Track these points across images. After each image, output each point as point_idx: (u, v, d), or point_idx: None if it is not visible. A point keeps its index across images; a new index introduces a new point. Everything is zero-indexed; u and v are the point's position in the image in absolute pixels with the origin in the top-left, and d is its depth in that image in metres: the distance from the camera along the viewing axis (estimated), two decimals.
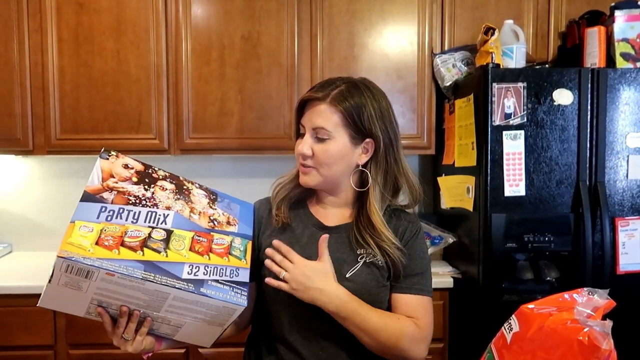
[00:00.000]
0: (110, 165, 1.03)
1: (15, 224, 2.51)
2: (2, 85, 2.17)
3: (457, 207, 2.09)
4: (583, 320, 0.59)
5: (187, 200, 1.05)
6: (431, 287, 1.11)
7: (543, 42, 2.28)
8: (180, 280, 0.90)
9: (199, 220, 1.02)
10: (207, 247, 0.98)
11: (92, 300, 0.92)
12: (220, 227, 1.04)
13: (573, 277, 1.84)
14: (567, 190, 1.85)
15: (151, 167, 1.07)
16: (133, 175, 1.03)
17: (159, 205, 1.00)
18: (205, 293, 0.90)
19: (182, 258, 0.93)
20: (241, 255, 1.01)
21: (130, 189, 1.00)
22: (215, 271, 0.94)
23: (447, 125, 2.23)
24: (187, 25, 2.20)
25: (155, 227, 0.96)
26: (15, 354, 1.97)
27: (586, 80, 1.84)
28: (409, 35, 2.25)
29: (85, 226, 0.90)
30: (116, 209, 0.95)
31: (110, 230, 0.91)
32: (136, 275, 0.86)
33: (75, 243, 0.87)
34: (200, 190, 1.09)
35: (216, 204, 1.09)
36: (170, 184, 1.06)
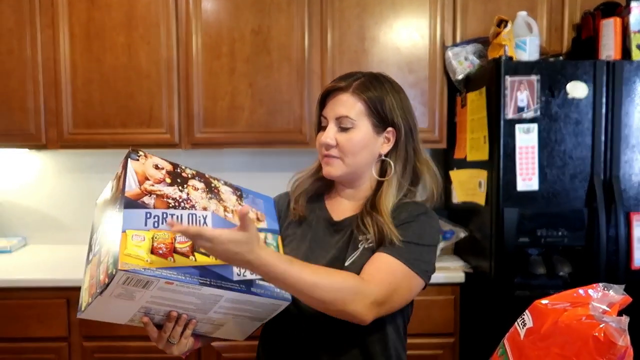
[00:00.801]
0: (142, 166, 1.00)
1: (29, 217, 2.54)
2: (15, 81, 2.19)
3: (469, 202, 2.07)
4: (598, 316, 0.58)
5: (218, 199, 1.04)
6: (418, 262, 1.01)
7: (557, 34, 2.25)
8: (232, 282, 0.91)
9: (234, 218, 1.02)
10: None
11: (141, 308, 0.92)
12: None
13: (587, 272, 1.82)
14: (581, 184, 1.82)
15: (178, 165, 1.05)
16: (165, 176, 1.01)
17: (196, 206, 0.99)
18: (255, 292, 0.93)
19: None
20: (276, 250, 1.02)
21: (167, 191, 0.98)
22: None
23: (458, 119, 2.21)
24: (197, 20, 2.20)
25: None
26: (30, 346, 2.00)
27: (601, 73, 1.81)
28: (421, 28, 2.23)
29: (137, 235, 0.89)
30: (160, 214, 0.94)
31: (160, 237, 0.90)
32: (194, 281, 0.87)
33: (133, 254, 0.85)
34: (226, 187, 1.08)
35: (243, 200, 1.08)
36: (200, 183, 1.04)
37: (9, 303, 1.98)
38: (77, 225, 2.53)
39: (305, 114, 2.22)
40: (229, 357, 2.04)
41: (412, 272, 1.00)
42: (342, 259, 1.05)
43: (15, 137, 2.23)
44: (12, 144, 2.26)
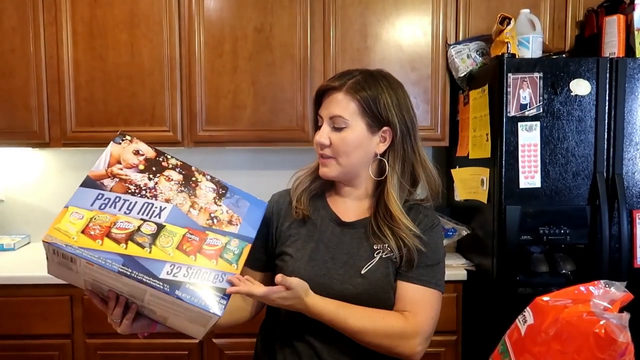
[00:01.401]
0: (120, 150, 1.02)
1: (32, 215, 2.55)
2: (19, 78, 2.20)
3: (471, 199, 2.07)
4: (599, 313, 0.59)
5: (190, 194, 1.01)
6: (441, 282, 1.08)
7: (560, 32, 2.24)
8: (156, 279, 0.87)
9: (198, 216, 0.99)
10: (196, 246, 0.94)
11: (85, 280, 0.95)
12: (219, 226, 0.99)
13: (589, 270, 1.82)
14: (584, 182, 1.82)
15: (164, 154, 1.04)
16: (141, 162, 1.01)
17: (158, 196, 0.98)
18: (179, 296, 0.87)
19: (165, 256, 0.91)
20: (233, 259, 0.96)
21: (133, 177, 0.99)
22: (197, 274, 0.91)
23: (461, 117, 2.21)
24: (199, 18, 2.20)
25: (147, 220, 0.94)
26: (34, 343, 2.01)
27: (604, 70, 1.80)
28: (423, 25, 2.23)
29: (77, 212, 0.91)
30: (112, 197, 0.95)
31: (100, 219, 0.91)
32: (113, 268, 0.86)
33: (62, 229, 0.88)
34: (210, 183, 1.05)
35: (223, 199, 1.04)
36: (178, 174, 1.03)
37: (13, 300, 1.99)
38: None
39: (307, 112, 2.21)
40: (231, 355, 2.04)
41: (440, 293, 1.08)
42: (356, 266, 1.05)
43: (18, 135, 2.23)
44: (16, 142, 2.27)
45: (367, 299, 1.03)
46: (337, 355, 1.05)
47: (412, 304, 1.04)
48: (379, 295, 1.04)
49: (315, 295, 0.99)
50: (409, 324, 1.02)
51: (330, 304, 0.99)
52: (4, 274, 2.02)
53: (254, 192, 1.09)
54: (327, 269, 1.06)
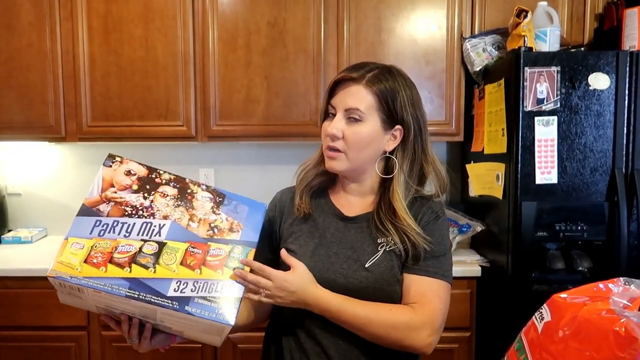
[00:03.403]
0: (112, 173, 1.02)
1: (49, 208, 2.59)
2: (35, 74, 2.23)
3: (486, 195, 2.05)
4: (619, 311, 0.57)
5: (188, 207, 1.01)
6: (449, 272, 1.06)
7: (579, 25, 2.20)
8: (165, 298, 0.88)
9: (198, 228, 0.99)
10: (200, 259, 0.94)
11: (97, 306, 0.96)
12: (221, 234, 0.99)
13: (607, 267, 1.79)
14: (602, 178, 1.79)
15: (156, 170, 1.04)
16: (134, 182, 1.02)
17: (155, 214, 0.98)
18: (190, 312, 0.88)
19: (170, 274, 0.91)
20: (239, 266, 0.96)
21: (128, 198, 0.99)
22: (204, 287, 0.91)
23: (476, 112, 2.18)
24: (213, 12, 2.20)
25: (147, 240, 0.94)
26: (51, 334, 2.04)
27: (624, 64, 1.76)
28: (438, 19, 2.20)
29: (77, 243, 0.92)
30: (110, 222, 0.95)
31: (101, 246, 0.92)
32: (120, 293, 0.87)
33: (65, 261, 0.89)
34: (206, 193, 1.05)
35: (221, 207, 1.03)
36: (172, 189, 1.03)
37: (31, 292, 2.03)
38: None
39: (321, 106, 2.20)
40: (244, 348, 2.06)
41: (448, 284, 1.05)
42: (360, 260, 1.04)
43: (35, 129, 2.26)
44: (33, 136, 2.30)
45: (372, 293, 1.01)
46: (344, 352, 1.03)
47: (420, 296, 1.01)
48: (384, 289, 1.02)
49: (321, 288, 0.99)
50: (417, 316, 0.99)
51: (336, 297, 0.99)
52: (22, 266, 2.05)
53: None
54: (331, 264, 1.04)
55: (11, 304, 2.03)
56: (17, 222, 2.59)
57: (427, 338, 0.99)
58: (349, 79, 1.04)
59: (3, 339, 2.05)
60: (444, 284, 1.04)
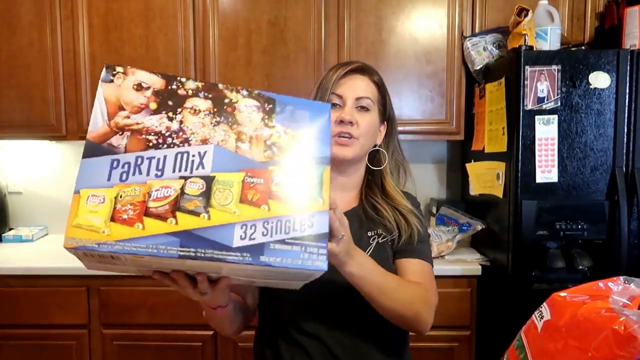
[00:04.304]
0: (116, 90, 0.74)
1: (50, 207, 2.59)
2: (36, 72, 2.23)
3: (487, 194, 2.05)
4: (619, 310, 0.57)
5: (231, 122, 0.76)
6: (431, 258, 1.10)
7: (579, 24, 2.20)
8: (231, 250, 0.68)
9: (251, 150, 0.75)
10: (264, 191, 0.72)
11: (139, 269, 0.77)
12: (282, 154, 0.76)
13: (607, 266, 1.79)
14: (602, 176, 1.79)
15: (176, 79, 0.77)
16: (150, 99, 0.75)
17: (190, 139, 0.73)
18: (266, 262, 0.69)
19: (230, 217, 0.70)
20: (315, 191, 0.74)
21: (148, 123, 0.73)
22: (279, 227, 0.71)
23: (477, 110, 2.18)
24: (214, 11, 2.20)
25: (189, 177, 0.71)
26: (52, 332, 2.05)
27: (625, 63, 1.76)
28: (439, 18, 2.20)
29: (95, 195, 0.68)
30: (132, 159, 0.70)
31: (128, 195, 0.68)
32: (171, 254, 0.66)
33: (84, 224, 0.66)
34: (250, 100, 0.78)
35: (274, 117, 0.78)
36: (204, 101, 0.76)
37: (31, 290, 2.03)
38: None
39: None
40: (244, 347, 2.06)
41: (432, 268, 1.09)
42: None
43: (36, 128, 2.26)
44: (33, 135, 2.30)
45: None
46: (350, 351, 1.01)
47: (419, 277, 1.03)
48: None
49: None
50: (428, 292, 1.01)
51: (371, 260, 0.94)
52: (23, 264, 2.06)
53: None
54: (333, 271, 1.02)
55: (12, 303, 2.03)
56: (18, 220, 2.59)
57: (432, 317, 1.00)
58: (360, 69, 1.08)
59: (4, 338, 2.05)
60: (431, 267, 1.08)
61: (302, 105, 0.81)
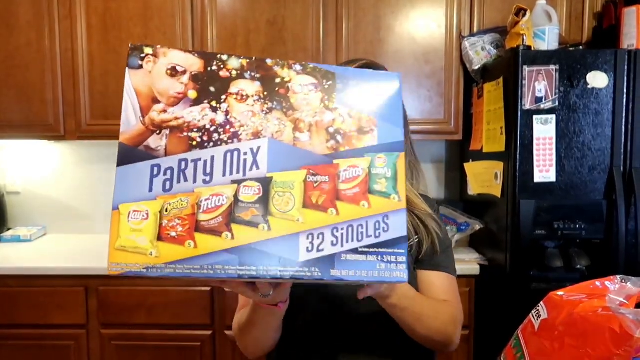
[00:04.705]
0: (147, 78, 0.63)
1: (49, 207, 2.59)
2: (34, 72, 2.23)
3: (485, 194, 2.05)
4: (615, 308, 0.58)
5: (285, 108, 0.64)
6: (455, 267, 1.05)
7: (577, 23, 2.20)
8: (297, 265, 0.60)
9: (312, 141, 0.64)
10: (331, 191, 0.63)
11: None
12: (348, 143, 0.65)
13: (605, 265, 1.79)
14: (600, 176, 1.79)
15: (215, 57, 0.64)
16: (189, 86, 0.63)
17: (240, 134, 0.62)
18: (339, 277, 0.60)
19: (293, 226, 0.61)
20: (389, 187, 0.64)
21: (189, 117, 0.62)
22: (349, 233, 0.62)
23: (475, 110, 2.18)
24: (212, 11, 2.20)
25: (242, 181, 0.61)
26: (50, 332, 2.04)
27: (622, 63, 1.77)
28: (437, 17, 2.20)
29: (137, 210, 0.59)
30: (175, 164, 0.60)
31: (175, 207, 0.60)
32: (230, 274, 0.59)
33: (129, 246, 0.58)
34: (305, 77, 0.66)
35: (335, 96, 0.65)
36: (252, 83, 0.64)
37: (30, 291, 2.03)
38: (95, 215, 2.57)
39: None
40: None
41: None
42: None
43: (34, 128, 2.26)
44: (32, 134, 2.30)
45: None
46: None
47: (445, 293, 0.98)
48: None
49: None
50: (457, 310, 0.96)
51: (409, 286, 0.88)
52: (21, 264, 2.05)
53: None
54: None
55: (10, 303, 2.03)
56: (16, 220, 2.59)
57: (459, 336, 0.97)
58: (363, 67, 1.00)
59: (2, 338, 2.05)
60: (455, 279, 1.03)
61: (366, 77, 0.67)
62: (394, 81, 0.67)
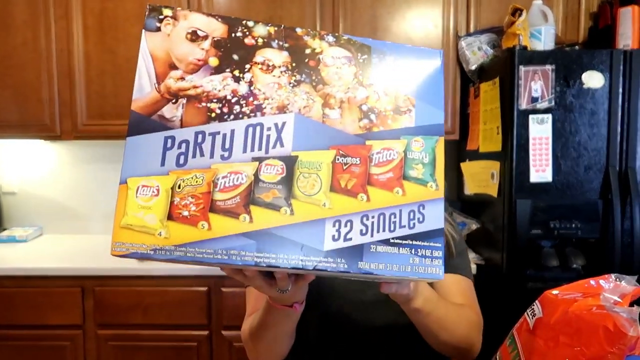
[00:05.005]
0: (165, 42, 0.58)
1: (45, 207, 2.58)
2: (30, 72, 2.22)
3: (481, 193, 2.06)
4: (609, 307, 0.58)
5: (315, 81, 0.59)
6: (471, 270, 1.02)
7: (573, 23, 2.21)
8: (321, 255, 0.54)
9: (343, 119, 0.58)
10: (362, 174, 0.57)
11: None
12: (383, 123, 0.59)
13: (600, 264, 1.80)
14: (596, 176, 1.80)
15: (240, 22, 0.59)
16: (210, 52, 0.58)
17: (264, 107, 0.57)
18: (368, 270, 0.55)
19: (319, 211, 0.55)
20: (427, 174, 0.59)
21: (208, 86, 0.57)
22: (381, 222, 0.56)
23: (471, 110, 2.19)
24: (209, 10, 2.20)
25: (264, 158, 0.56)
26: (46, 333, 2.04)
27: (618, 63, 1.77)
28: (434, 17, 2.21)
29: (146, 185, 0.54)
30: (191, 136, 0.55)
31: (189, 183, 0.54)
32: (246, 262, 0.53)
33: (136, 224, 0.53)
34: (338, 49, 0.60)
35: (370, 72, 0.60)
36: (280, 53, 0.59)
37: (26, 291, 2.02)
38: (92, 215, 2.56)
39: None
40: (239, 347, 2.06)
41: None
42: None
43: (30, 127, 2.25)
44: (28, 134, 2.29)
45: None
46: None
47: (463, 296, 0.94)
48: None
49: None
50: (477, 315, 0.93)
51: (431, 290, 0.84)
52: (17, 265, 2.05)
53: None
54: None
55: (6, 304, 2.02)
56: (12, 221, 2.58)
57: (481, 341, 0.93)
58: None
59: None
60: (472, 282, 1.00)
61: (406, 52, 0.61)
62: (435, 58, 0.62)
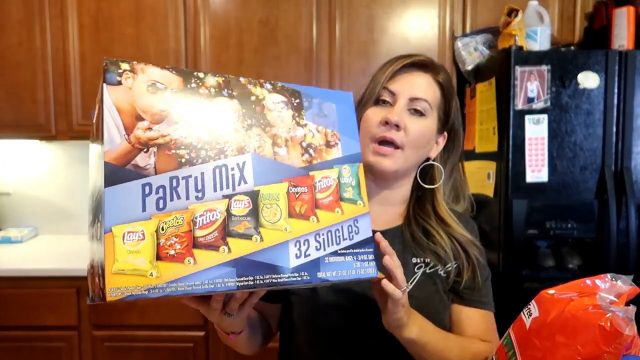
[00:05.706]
0: (128, 95, 0.60)
1: (40, 208, 2.57)
2: (25, 72, 2.21)
3: (477, 193, 2.06)
4: (605, 306, 0.58)
5: (263, 124, 0.67)
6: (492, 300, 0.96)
7: (569, 24, 2.21)
8: (289, 272, 0.63)
9: (289, 155, 0.68)
10: (309, 200, 0.67)
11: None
12: (319, 156, 0.70)
13: (596, 264, 1.80)
14: (592, 176, 1.80)
15: (192, 74, 0.65)
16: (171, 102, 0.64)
17: (225, 149, 0.63)
18: (325, 278, 0.66)
19: (282, 235, 0.64)
20: (355, 194, 0.71)
21: (175, 134, 0.61)
22: (329, 238, 0.68)
23: (467, 110, 2.19)
24: (205, 10, 2.19)
25: (233, 195, 0.62)
26: (41, 334, 2.03)
27: (613, 63, 1.78)
28: (430, 18, 2.21)
29: (132, 231, 0.57)
30: (166, 181, 0.59)
31: (171, 225, 0.59)
32: (229, 287, 0.60)
33: (126, 269, 0.55)
34: (276, 95, 0.69)
35: (304, 113, 0.71)
36: (231, 102, 0.66)
37: (21, 292, 2.01)
38: (87, 215, 2.55)
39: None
40: None
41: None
42: None
43: (25, 128, 2.24)
44: (23, 134, 2.28)
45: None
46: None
47: (485, 333, 0.91)
48: (431, 317, 0.83)
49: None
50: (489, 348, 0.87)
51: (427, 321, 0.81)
52: (12, 266, 2.03)
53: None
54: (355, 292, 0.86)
55: (1, 304, 2.01)
56: (7, 221, 2.57)
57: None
58: (422, 64, 0.90)
59: None
60: (493, 315, 0.95)
61: (326, 96, 0.73)
62: (347, 99, 0.75)
